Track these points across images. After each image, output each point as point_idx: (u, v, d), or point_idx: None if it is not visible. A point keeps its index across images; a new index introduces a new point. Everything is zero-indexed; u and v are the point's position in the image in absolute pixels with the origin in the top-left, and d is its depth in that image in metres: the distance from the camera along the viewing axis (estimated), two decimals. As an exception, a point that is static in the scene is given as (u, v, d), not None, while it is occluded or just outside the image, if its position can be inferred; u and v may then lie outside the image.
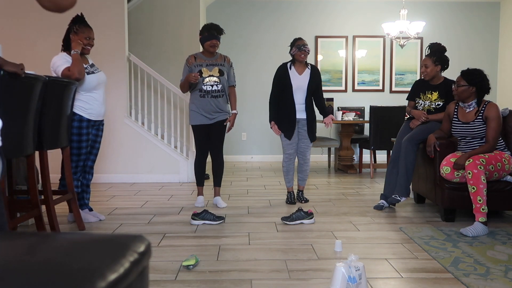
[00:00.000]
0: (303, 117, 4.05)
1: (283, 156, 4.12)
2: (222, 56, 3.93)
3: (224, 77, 3.84)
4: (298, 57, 3.96)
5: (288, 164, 4.10)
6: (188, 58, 3.88)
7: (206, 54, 3.85)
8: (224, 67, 3.86)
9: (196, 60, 3.84)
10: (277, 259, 2.55)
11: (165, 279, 2.25)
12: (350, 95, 7.54)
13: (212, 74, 3.79)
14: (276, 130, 4.03)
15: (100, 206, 3.97)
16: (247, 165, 7.07)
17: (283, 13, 7.46)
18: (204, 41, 3.78)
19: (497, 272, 2.32)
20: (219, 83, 3.80)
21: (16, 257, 0.68)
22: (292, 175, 4.14)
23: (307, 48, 3.96)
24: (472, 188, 3.08)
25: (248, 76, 7.46)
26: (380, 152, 7.08)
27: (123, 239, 0.79)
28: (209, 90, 3.78)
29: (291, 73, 4.00)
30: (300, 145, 4.10)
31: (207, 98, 3.79)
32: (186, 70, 3.86)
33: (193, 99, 3.86)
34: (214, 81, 3.78)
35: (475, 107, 3.34)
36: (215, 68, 3.81)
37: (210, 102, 3.79)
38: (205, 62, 3.82)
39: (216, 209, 3.85)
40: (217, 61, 3.86)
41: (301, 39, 3.99)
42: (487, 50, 7.61)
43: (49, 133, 2.83)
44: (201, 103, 3.80)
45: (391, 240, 2.95)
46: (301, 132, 4.07)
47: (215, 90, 3.79)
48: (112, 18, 5.13)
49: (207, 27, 3.79)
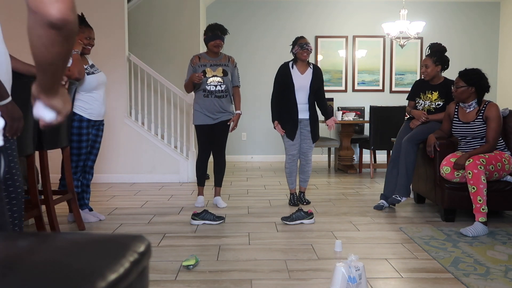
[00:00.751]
0: (306, 117, 3.98)
1: (286, 157, 4.03)
2: (227, 56, 3.93)
3: (228, 78, 3.83)
4: (301, 55, 3.90)
5: (291, 166, 4.03)
6: (192, 58, 3.89)
7: (210, 54, 3.85)
8: (228, 67, 3.85)
9: (200, 60, 3.84)
10: (277, 259, 2.55)
11: (165, 279, 2.25)
12: (350, 95, 7.54)
13: (216, 74, 3.78)
14: (280, 129, 3.95)
15: (100, 206, 3.97)
16: (247, 165, 7.07)
17: (283, 13, 7.46)
18: (208, 41, 3.79)
19: (497, 272, 2.32)
20: (222, 83, 3.79)
21: (16, 257, 0.68)
22: (295, 176, 4.08)
23: (310, 46, 3.89)
24: (472, 188, 3.08)
25: (248, 76, 7.46)
26: (380, 152, 7.08)
27: (123, 239, 0.79)
28: (212, 90, 3.78)
29: (293, 73, 3.94)
30: (302, 146, 4.03)
31: (211, 98, 3.79)
32: (190, 70, 3.86)
33: (197, 99, 3.86)
34: (217, 81, 3.78)
35: (476, 107, 3.34)
36: (219, 68, 3.81)
37: (213, 102, 3.79)
38: (209, 62, 3.82)
39: (216, 209, 3.85)
40: (221, 61, 3.85)
41: (303, 38, 3.94)
42: (487, 50, 7.61)
43: (49, 133, 2.82)
44: (204, 103, 3.80)
45: (391, 240, 2.95)
46: (303, 133, 4.01)
47: (218, 90, 3.79)
48: (112, 18, 5.13)
49: (211, 27, 3.80)
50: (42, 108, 1.02)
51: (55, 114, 1.03)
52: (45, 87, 0.97)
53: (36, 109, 1.02)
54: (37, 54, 0.87)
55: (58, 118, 1.04)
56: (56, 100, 1.00)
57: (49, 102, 1.00)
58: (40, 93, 0.99)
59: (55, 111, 1.02)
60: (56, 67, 0.91)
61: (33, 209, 2.67)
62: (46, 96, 0.99)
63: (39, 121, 1.04)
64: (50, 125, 1.05)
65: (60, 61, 0.90)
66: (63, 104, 1.03)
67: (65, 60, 0.92)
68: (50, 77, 0.94)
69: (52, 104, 1.00)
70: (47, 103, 1.00)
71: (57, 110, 1.02)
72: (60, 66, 0.92)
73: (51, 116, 1.03)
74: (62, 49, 0.86)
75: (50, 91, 0.98)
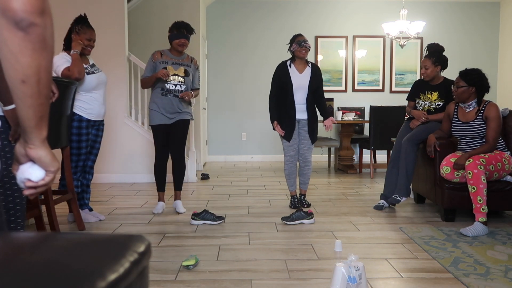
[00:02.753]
0: (304, 118, 3.88)
1: (284, 159, 3.94)
2: (190, 57, 3.77)
3: (189, 78, 3.68)
4: (299, 53, 3.79)
5: (290, 167, 3.93)
6: (154, 53, 3.70)
7: (174, 52, 3.68)
8: (190, 68, 3.71)
9: (162, 57, 3.66)
10: (277, 259, 2.55)
11: (165, 279, 2.25)
12: (350, 95, 7.54)
13: (177, 74, 3.62)
14: (280, 130, 3.84)
15: (100, 206, 3.97)
16: (247, 165, 7.07)
17: (283, 13, 7.46)
18: (172, 39, 3.62)
19: (497, 272, 2.32)
20: (183, 83, 3.64)
21: (16, 257, 0.68)
22: (294, 178, 3.98)
23: (308, 44, 3.79)
24: (472, 188, 3.08)
25: (247, 76, 7.46)
26: (380, 152, 7.08)
27: (123, 239, 0.79)
28: (172, 89, 3.61)
29: (291, 72, 3.84)
30: (300, 147, 3.92)
31: (169, 97, 3.61)
32: (150, 65, 3.67)
33: (154, 97, 3.67)
34: (178, 81, 3.62)
35: (475, 106, 3.34)
36: (180, 68, 3.65)
37: (171, 101, 3.61)
38: (171, 60, 3.65)
39: (214, 210, 3.85)
40: (184, 61, 3.70)
41: (301, 35, 3.82)
42: (487, 50, 7.61)
43: (48, 133, 2.82)
44: (162, 102, 3.61)
45: (391, 240, 2.95)
46: (302, 133, 3.91)
47: (178, 90, 3.62)
48: (112, 18, 5.13)
49: (177, 25, 3.63)
50: (28, 167, 0.86)
51: (43, 172, 0.87)
52: (28, 125, 0.82)
53: (20, 173, 0.87)
54: (6, 67, 0.76)
55: (47, 177, 0.88)
56: (43, 150, 0.86)
57: (36, 153, 0.85)
58: (24, 139, 0.85)
59: (43, 167, 0.87)
60: (32, 88, 0.78)
61: (33, 209, 2.68)
62: (31, 140, 0.84)
63: (22, 191, 0.88)
64: (37, 188, 0.88)
65: (34, 79, 0.77)
66: (52, 158, 0.87)
67: (41, 80, 0.79)
68: (30, 106, 0.80)
69: (39, 156, 0.85)
70: (33, 154, 0.85)
71: (46, 165, 0.87)
72: (36, 89, 0.78)
73: (39, 175, 0.86)
74: (33, 61, 0.76)
75: (35, 130, 0.83)
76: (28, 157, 0.86)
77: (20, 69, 0.76)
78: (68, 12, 5.10)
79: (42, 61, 0.78)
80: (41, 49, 0.77)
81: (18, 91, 0.78)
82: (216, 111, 7.47)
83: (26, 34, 0.74)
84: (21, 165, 0.87)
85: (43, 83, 0.79)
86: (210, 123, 7.46)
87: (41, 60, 0.77)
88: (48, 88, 0.81)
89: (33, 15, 0.74)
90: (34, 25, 0.75)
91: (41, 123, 0.84)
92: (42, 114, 0.83)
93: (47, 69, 0.79)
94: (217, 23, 7.41)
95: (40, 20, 0.75)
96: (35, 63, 0.77)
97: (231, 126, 7.51)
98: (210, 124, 7.46)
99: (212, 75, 7.38)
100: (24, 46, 0.75)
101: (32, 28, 0.75)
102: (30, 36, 0.75)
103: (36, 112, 0.81)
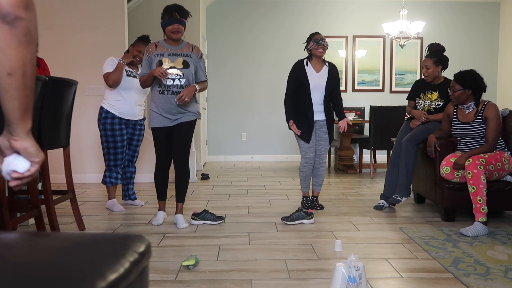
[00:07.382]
0: (322, 119, 3.75)
1: (302, 161, 3.78)
2: (190, 45, 3.27)
3: (189, 70, 3.15)
4: (316, 52, 3.66)
5: (308, 169, 3.78)
6: (148, 46, 3.24)
7: (170, 42, 3.19)
8: (190, 58, 3.19)
9: (156, 49, 3.18)
10: (277, 259, 2.55)
11: (165, 279, 2.25)
12: (350, 95, 7.54)
13: (174, 66, 3.12)
14: (296, 129, 3.68)
15: (100, 206, 3.97)
16: (247, 165, 7.07)
17: (283, 13, 7.46)
18: (165, 26, 3.13)
19: (497, 272, 2.32)
20: (182, 77, 3.12)
21: (16, 257, 0.68)
22: (309, 180, 3.85)
23: (326, 42, 3.67)
24: (472, 188, 3.08)
25: (247, 76, 7.46)
26: (380, 152, 7.08)
27: (123, 239, 0.79)
28: (169, 85, 3.11)
29: (308, 71, 3.70)
30: (317, 148, 3.79)
31: (167, 95, 3.12)
32: (146, 61, 3.20)
33: (153, 97, 3.22)
34: (176, 74, 3.11)
35: (474, 107, 3.34)
36: (178, 59, 3.14)
37: (170, 99, 3.12)
38: (167, 51, 3.15)
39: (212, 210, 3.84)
40: (183, 51, 3.19)
41: (318, 33, 3.70)
42: (487, 50, 7.60)
43: (48, 133, 2.82)
44: (160, 102, 3.15)
45: (391, 240, 2.95)
46: (319, 134, 3.77)
47: (177, 85, 3.12)
48: (112, 18, 5.13)
49: (168, 9, 3.14)
50: (13, 158, 0.87)
51: (28, 163, 0.88)
52: (13, 117, 0.82)
53: (5, 165, 0.87)
54: None
55: (33, 168, 0.88)
56: (28, 142, 0.86)
57: (21, 145, 0.85)
58: (8, 131, 0.85)
59: (28, 159, 0.87)
60: (17, 81, 0.79)
61: (33, 209, 2.68)
62: (16, 132, 0.84)
63: (8, 182, 0.90)
64: (23, 179, 0.88)
65: (20, 71, 0.78)
66: (37, 149, 0.88)
67: (26, 73, 0.80)
68: (15, 98, 0.80)
69: (24, 147, 0.86)
70: (18, 145, 0.85)
71: (31, 156, 0.87)
72: (21, 82, 0.79)
73: (25, 166, 0.87)
74: (19, 54, 0.77)
75: (20, 122, 0.83)
76: (13, 149, 0.87)
77: (6, 62, 0.77)
78: (68, 12, 5.11)
79: (28, 54, 0.79)
80: (26, 42, 0.78)
81: (4, 84, 0.79)
82: (216, 111, 7.47)
83: (12, 27, 0.75)
84: (5, 157, 0.88)
85: (28, 75, 0.81)
86: (210, 123, 7.46)
87: (26, 53, 0.78)
88: (32, 80, 0.82)
89: (18, 9, 0.75)
90: (20, 19, 0.76)
91: (26, 115, 0.84)
92: (27, 106, 0.84)
93: (32, 61, 0.80)
94: (217, 22, 7.41)
95: (26, 14, 0.76)
96: (20, 56, 0.77)
97: (231, 126, 7.51)
98: (210, 124, 7.46)
99: (212, 75, 7.38)
100: (10, 39, 0.76)
101: (18, 22, 0.76)
102: (16, 29, 0.76)
103: (21, 104, 0.82)
